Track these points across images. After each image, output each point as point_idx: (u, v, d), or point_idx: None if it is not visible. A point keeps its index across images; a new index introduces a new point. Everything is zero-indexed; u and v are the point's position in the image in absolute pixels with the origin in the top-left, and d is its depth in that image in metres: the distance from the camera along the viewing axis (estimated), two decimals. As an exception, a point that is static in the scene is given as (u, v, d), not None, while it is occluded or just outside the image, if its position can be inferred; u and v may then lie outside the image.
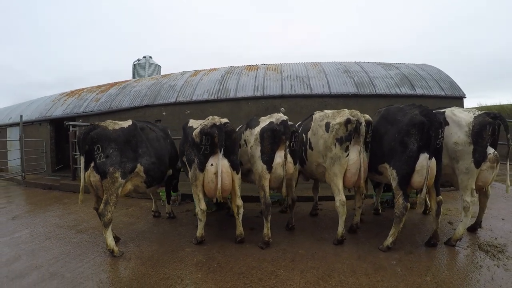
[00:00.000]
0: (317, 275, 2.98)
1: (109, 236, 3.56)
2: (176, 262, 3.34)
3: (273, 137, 3.63)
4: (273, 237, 3.87)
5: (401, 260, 3.28)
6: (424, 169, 3.35)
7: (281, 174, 3.68)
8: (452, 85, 9.41)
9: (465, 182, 3.61)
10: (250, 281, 2.82)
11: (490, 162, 3.54)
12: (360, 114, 3.77)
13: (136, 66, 18.06)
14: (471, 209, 3.55)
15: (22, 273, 3.14)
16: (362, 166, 3.72)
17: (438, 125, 3.34)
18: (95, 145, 3.49)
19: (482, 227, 4.18)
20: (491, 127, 3.51)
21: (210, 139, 3.42)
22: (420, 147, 3.38)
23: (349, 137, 3.66)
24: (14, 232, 4.46)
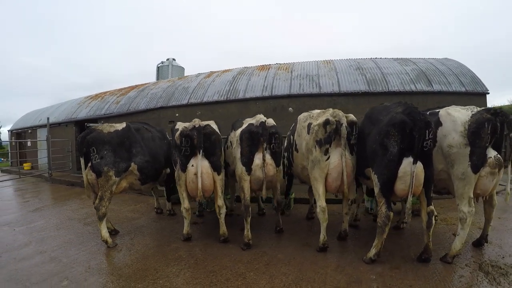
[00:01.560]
0: (284, 282, 2.91)
1: (103, 228, 3.97)
2: (159, 255, 3.63)
3: (251, 139, 3.69)
4: (260, 239, 3.99)
5: (382, 275, 2.99)
6: (408, 175, 3.03)
7: (260, 176, 3.71)
8: (474, 80, 8.83)
9: (461, 190, 3.21)
10: (217, 280, 2.96)
11: (490, 167, 3.10)
12: (343, 114, 3.52)
13: (160, 69, 19.09)
14: (468, 221, 3.14)
15: (28, 256, 3.65)
16: (345, 170, 3.45)
17: (424, 125, 3.00)
18: (90, 147, 3.91)
19: (490, 242, 3.66)
20: (491, 125, 3.06)
21: (190, 141, 3.65)
22: (402, 150, 3.06)
23: (329, 139, 3.45)
24: (31, 223, 5.10)
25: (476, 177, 3.13)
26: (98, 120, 11.06)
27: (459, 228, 3.20)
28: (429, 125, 3.04)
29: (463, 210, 3.17)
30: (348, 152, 3.52)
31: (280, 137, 3.98)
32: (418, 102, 8.49)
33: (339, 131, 3.42)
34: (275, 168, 3.88)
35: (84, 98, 13.58)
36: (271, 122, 3.89)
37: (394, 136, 3.07)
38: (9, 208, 6.28)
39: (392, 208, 3.19)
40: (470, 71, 9.37)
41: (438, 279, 2.90)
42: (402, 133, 3.03)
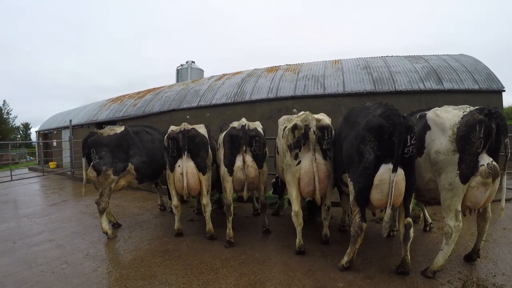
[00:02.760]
0: (251, 280, 3.03)
1: (103, 221, 4.45)
2: (149, 248, 4.01)
3: (232, 142, 3.89)
4: (245, 238, 4.21)
5: (351, 284, 2.92)
6: (385, 184, 2.84)
7: (241, 177, 3.89)
8: (489, 77, 8.47)
9: (448, 202, 2.93)
10: (191, 273, 3.23)
11: (482, 177, 2.77)
12: (313, 118, 3.43)
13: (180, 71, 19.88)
14: (454, 237, 2.89)
15: (39, 243, 4.23)
16: (316, 176, 3.39)
17: (405, 130, 2.79)
18: (91, 149, 4.43)
19: (485, 257, 3.42)
20: (483, 127, 2.72)
21: (176, 143, 4.02)
22: (379, 156, 2.87)
23: (298, 144, 3.43)
24: (47, 215, 5.77)
25: (465, 188, 2.83)
26: (116, 122, 11.92)
27: (444, 243, 2.95)
28: (410, 129, 2.83)
29: (449, 224, 2.91)
30: (321, 157, 3.48)
31: (262, 140, 4.11)
32: (427, 101, 8.32)
33: (307, 135, 3.37)
34: (257, 170, 4.03)
35: (106, 101, 14.66)
36: (252, 126, 4.08)
37: (370, 141, 2.86)
38: (31, 202, 7.10)
39: (365, 219, 3.05)
40: (486, 67, 8.97)
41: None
42: (379, 138, 2.83)
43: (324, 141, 3.46)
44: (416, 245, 3.82)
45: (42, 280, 3.11)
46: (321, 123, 3.45)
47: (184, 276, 3.17)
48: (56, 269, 3.38)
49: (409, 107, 8.64)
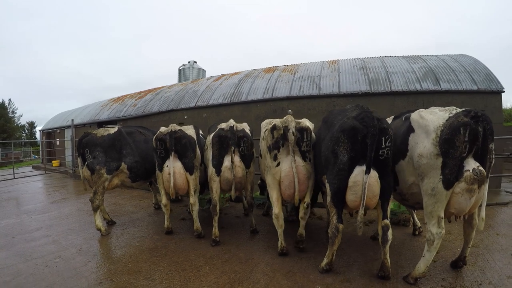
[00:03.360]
0: (230, 279, 3.16)
1: (97, 218, 4.69)
2: (139, 245, 4.24)
3: (220, 143, 4.03)
4: (232, 238, 4.36)
5: (328, 287, 2.98)
6: (359, 186, 2.90)
7: (228, 177, 4.06)
8: (488, 77, 8.47)
9: (430, 208, 2.88)
10: (175, 269, 3.39)
11: (466, 183, 2.69)
12: (292, 119, 3.50)
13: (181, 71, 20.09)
14: (436, 244, 2.83)
15: (36, 238, 4.51)
16: (296, 177, 3.46)
17: (379, 132, 2.87)
18: (85, 149, 4.68)
19: (474, 264, 3.37)
20: (468, 131, 2.66)
21: (163, 144, 4.24)
22: (353, 158, 2.95)
23: (276, 145, 3.54)
24: (46, 212, 6.08)
25: (448, 193, 2.77)
26: (117, 121, 12.25)
27: (425, 250, 2.90)
28: (385, 132, 2.90)
29: (431, 231, 2.85)
30: (301, 158, 3.55)
31: (249, 141, 4.26)
32: (424, 102, 8.38)
33: (286, 136, 3.44)
34: (244, 170, 4.18)
35: (107, 100, 15.04)
36: (240, 127, 4.24)
37: (344, 143, 2.94)
38: (32, 200, 7.44)
39: (342, 220, 3.11)
40: (485, 67, 8.97)
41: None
42: (353, 140, 2.91)
43: (303, 143, 3.51)
44: (403, 249, 3.83)
45: (35, 273, 3.37)
46: (300, 124, 3.51)
47: (167, 273, 3.36)
48: (49, 262, 3.64)
49: (405, 108, 8.72)
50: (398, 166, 3.34)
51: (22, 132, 43.40)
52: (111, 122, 12.13)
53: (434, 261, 3.36)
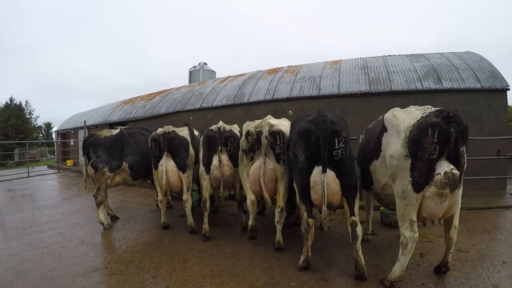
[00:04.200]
0: (212, 271, 3.37)
1: (100, 213, 5.08)
2: (136, 238, 4.58)
3: (209, 143, 4.33)
4: (224, 234, 4.58)
5: (303, 284, 3.05)
6: (318, 185, 3.08)
7: (217, 175, 4.32)
8: (493, 75, 8.30)
9: (402, 210, 2.83)
10: (164, 261, 3.68)
11: (436, 187, 2.61)
12: (266, 124, 3.71)
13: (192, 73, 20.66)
14: (409, 247, 2.78)
15: (44, 230, 4.96)
16: (262, 178, 3.67)
17: (331, 134, 3.03)
18: (89, 148, 5.09)
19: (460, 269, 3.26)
20: (437, 132, 2.58)
21: (158, 144, 4.57)
22: (309, 159, 3.15)
23: (252, 149, 3.80)
24: (57, 208, 6.57)
25: (419, 197, 2.71)
26: (127, 122, 12.81)
27: (400, 253, 2.86)
28: (337, 133, 3.05)
29: (404, 235, 2.80)
30: (273, 160, 3.73)
31: (237, 141, 4.46)
32: (425, 101, 8.28)
33: (260, 140, 3.68)
34: (232, 168, 4.43)
35: (119, 102, 15.71)
36: (228, 128, 4.48)
37: (300, 144, 3.16)
38: (44, 197, 8.02)
39: (311, 214, 3.25)
40: (491, 65, 8.80)
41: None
42: (307, 142, 3.11)
43: (277, 145, 3.70)
44: (388, 251, 3.83)
45: (40, 260, 3.77)
46: (273, 128, 3.69)
47: (156, 263, 3.66)
48: (54, 251, 4.04)
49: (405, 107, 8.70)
50: (372, 166, 3.42)
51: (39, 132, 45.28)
52: (122, 123, 12.70)
53: (418, 265, 3.36)
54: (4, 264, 3.63)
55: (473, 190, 7.03)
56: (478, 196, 6.62)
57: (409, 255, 2.82)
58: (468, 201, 6.07)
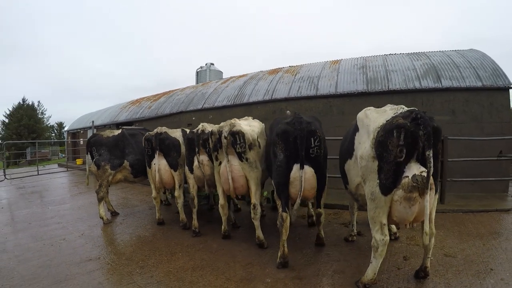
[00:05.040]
0: (195, 264, 3.60)
1: (101, 208, 5.46)
2: (131, 232, 4.93)
3: (189, 144, 4.58)
4: (213, 231, 4.77)
5: (278, 281, 3.15)
6: (297, 180, 3.31)
7: (199, 174, 4.57)
8: (495, 73, 8.16)
9: (371, 212, 2.82)
10: (153, 254, 3.97)
11: (404, 190, 2.58)
12: (227, 124, 3.93)
13: (199, 73, 21.06)
14: (380, 250, 2.77)
15: (48, 224, 5.40)
16: (229, 176, 3.89)
17: (306, 134, 3.30)
18: (92, 147, 5.49)
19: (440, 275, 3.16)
20: (403, 134, 2.55)
21: (151, 144, 4.91)
22: (288, 156, 3.38)
23: (215, 148, 4.06)
24: (62, 204, 7.06)
25: (387, 200, 2.68)
26: (133, 123, 13.30)
27: (372, 256, 2.86)
28: (313, 133, 3.35)
29: (375, 237, 2.79)
30: (236, 159, 3.92)
31: None
32: (423, 100, 8.27)
33: (220, 140, 3.92)
34: (212, 168, 4.48)
35: (126, 103, 16.29)
36: (208, 129, 4.57)
37: (279, 144, 3.42)
38: (52, 194, 8.58)
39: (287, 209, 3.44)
40: (493, 63, 8.68)
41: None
42: (285, 141, 3.38)
43: (237, 145, 3.86)
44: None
45: (42, 250, 4.16)
46: (233, 129, 3.86)
47: (146, 256, 3.96)
48: (55, 243, 4.44)
49: None
50: (347, 165, 3.54)
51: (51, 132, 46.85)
52: (128, 123, 13.19)
53: (399, 269, 3.33)
54: (9, 253, 4.05)
55: (473, 192, 7.01)
56: (477, 198, 6.52)
57: (381, 258, 2.81)
58: (466, 203, 6.05)
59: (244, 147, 3.90)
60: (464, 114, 7.88)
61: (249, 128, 4.08)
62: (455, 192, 6.91)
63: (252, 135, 3.99)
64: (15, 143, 29.45)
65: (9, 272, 3.47)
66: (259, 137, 4.17)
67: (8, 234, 4.92)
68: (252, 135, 4.00)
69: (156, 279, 3.29)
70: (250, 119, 4.67)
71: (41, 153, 26.43)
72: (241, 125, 3.99)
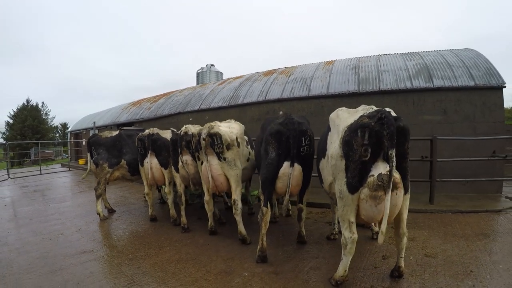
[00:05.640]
0: (180, 258, 3.87)
1: (98, 204, 5.83)
2: (125, 228, 5.26)
3: (174, 145, 4.91)
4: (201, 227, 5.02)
5: (254, 275, 3.33)
6: (286, 176, 3.55)
7: (183, 173, 4.88)
8: (488, 72, 8.12)
9: (340, 210, 2.95)
10: (142, 247, 4.27)
11: (369, 189, 2.67)
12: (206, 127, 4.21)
13: (199, 74, 21.43)
14: (349, 248, 2.87)
15: (48, 220, 5.79)
16: (209, 174, 4.20)
17: (298, 134, 3.56)
18: (92, 147, 5.87)
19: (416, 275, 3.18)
20: (368, 133, 2.66)
21: (143, 144, 5.27)
22: (280, 155, 3.61)
23: (196, 148, 4.36)
24: (63, 202, 7.47)
25: (354, 198, 2.79)
26: (134, 123, 13.73)
27: (342, 254, 2.97)
28: (303, 133, 3.61)
29: (344, 235, 2.91)
30: (215, 158, 4.20)
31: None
32: (414, 100, 8.39)
33: (199, 141, 4.22)
34: (196, 167, 4.75)
35: (127, 104, 16.77)
36: (190, 131, 4.77)
37: (272, 143, 3.65)
38: (53, 192, 9.01)
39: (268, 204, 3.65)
40: (487, 62, 8.75)
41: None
42: (278, 140, 3.61)
43: (215, 145, 4.14)
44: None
45: (40, 243, 4.53)
46: (211, 131, 4.14)
47: (136, 249, 4.27)
48: (53, 237, 4.80)
49: (394, 107, 8.71)
50: (321, 164, 3.79)
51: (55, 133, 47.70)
52: (129, 124, 13.63)
53: (375, 267, 3.40)
54: (10, 246, 4.43)
55: (465, 193, 7.08)
56: (469, 199, 6.54)
57: (350, 255, 2.91)
58: (456, 203, 6.08)
59: (222, 148, 4.16)
60: (456, 114, 7.97)
61: (228, 130, 4.35)
62: (447, 193, 7.02)
63: (230, 136, 4.26)
64: (20, 143, 30.29)
65: (9, 262, 3.84)
66: (239, 137, 4.45)
67: (10, 229, 5.31)
68: (230, 136, 4.26)
69: (142, 270, 3.61)
70: (232, 122, 4.97)
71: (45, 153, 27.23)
72: (220, 127, 4.28)
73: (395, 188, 2.66)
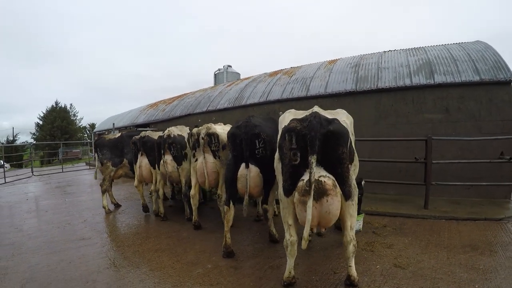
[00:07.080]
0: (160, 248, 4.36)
1: (104, 199, 6.64)
2: (124, 221, 5.97)
3: (158, 147, 5.55)
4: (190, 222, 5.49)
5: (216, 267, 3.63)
6: (243, 177, 3.76)
7: (163, 171, 5.50)
8: (496, 65, 7.66)
9: (281, 212, 3.02)
10: (132, 236, 4.86)
11: (299, 193, 2.69)
12: (204, 127, 4.67)
13: (217, 75, 22.17)
14: (290, 250, 2.93)
15: (60, 212, 6.70)
16: (205, 170, 4.62)
17: (251, 136, 3.71)
18: (97, 148, 6.71)
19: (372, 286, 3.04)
20: (295, 137, 2.70)
21: (136, 146, 5.96)
22: (236, 156, 3.87)
23: (194, 147, 4.83)
24: (78, 196, 8.48)
25: (289, 201, 2.85)
26: (150, 125, 14.74)
27: (286, 255, 3.04)
28: (257, 136, 3.74)
29: (285, 237, 2.98)
30: (211, 156, 4.67)
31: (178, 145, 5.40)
32: (413, 98, 8.16)
33: (198, 140, 4.68)
34: (175, 166, 5.41)
35: (146, 106, 17.96)
36: (172, 134, 5.43)
37: (229, 145, 4.08)
38: (73, 188, 10.14)
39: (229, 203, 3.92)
40: (496, 54, 8.15)
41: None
42: (233, 143, 3.92)
43: (212, 144, 4.63)
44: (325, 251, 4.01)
45: (49, 231, 5.37)
46: (209, 131, 4.63)
47: (127, 237, 4.94)
48: (61, 226, 5.65)
49: (392, 106, 8.63)
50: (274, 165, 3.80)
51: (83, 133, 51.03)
52: (145, 125, 14.68)
53: (335, 273, 3.36)
54: (23, 232, 5.31)
55: (469, 197, 6.70)
56: (470, 204, 6.15)
57: (292, 257, 2.96)
58: (453, 209, 5.74)
59: (218, 146, 4.61)
60: (459, 112, 7.56)
61: (222, 131, 4.79)
62: (449, 197, 6.78)
63: (225, 137, 4.61)
64: (49, 143, 33.11)
65: (20, 245, 4.66)
66: None
67: (27, 218, 6.27)
68: (224, 137, 4.62)
69: (124, 255, 4.22)
70: (223, 125, 5.48)
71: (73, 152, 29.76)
72: (216, 128, 4.76)
73: (325, 195, 2.62)
